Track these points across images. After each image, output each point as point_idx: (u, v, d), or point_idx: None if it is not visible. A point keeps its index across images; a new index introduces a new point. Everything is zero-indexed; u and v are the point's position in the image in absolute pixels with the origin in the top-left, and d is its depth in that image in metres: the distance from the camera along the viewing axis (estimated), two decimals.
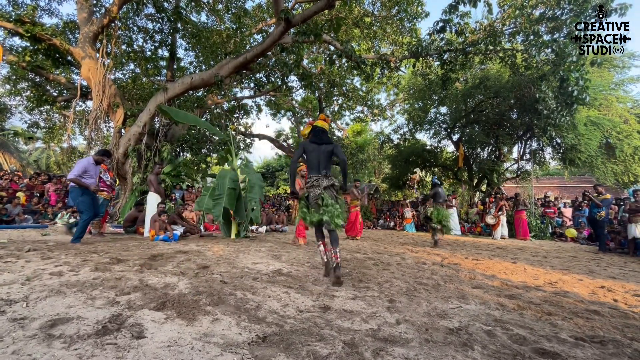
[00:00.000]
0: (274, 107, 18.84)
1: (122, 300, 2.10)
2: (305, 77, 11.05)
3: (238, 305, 2.13)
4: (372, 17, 11.83)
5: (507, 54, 9.48)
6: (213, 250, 4.72)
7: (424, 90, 14.50)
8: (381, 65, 10.64)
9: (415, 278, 3.36)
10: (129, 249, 4.42)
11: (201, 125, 7.28)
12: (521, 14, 8.33)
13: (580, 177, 22.86)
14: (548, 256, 6.01)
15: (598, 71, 11.46)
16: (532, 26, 8.16)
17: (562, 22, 7.99)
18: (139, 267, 3.19)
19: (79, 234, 4.84)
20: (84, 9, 9.44)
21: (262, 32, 13.34)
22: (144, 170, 9.26)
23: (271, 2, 10.43)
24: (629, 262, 5.75)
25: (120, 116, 9.62)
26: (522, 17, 8.28)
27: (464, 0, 7.48)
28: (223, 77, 9.31)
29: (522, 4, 8.29)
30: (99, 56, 9.34)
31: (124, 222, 7.19)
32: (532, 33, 8.31)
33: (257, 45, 8.99)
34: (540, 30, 8.39)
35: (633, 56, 12.11)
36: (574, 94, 8.13)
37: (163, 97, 9.39)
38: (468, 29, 9.12)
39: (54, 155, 25.44)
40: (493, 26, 8.80)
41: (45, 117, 14.76)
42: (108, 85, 9.35)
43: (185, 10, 12.33)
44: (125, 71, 13.82)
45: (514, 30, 8.73)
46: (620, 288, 3.35)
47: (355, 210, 8.05)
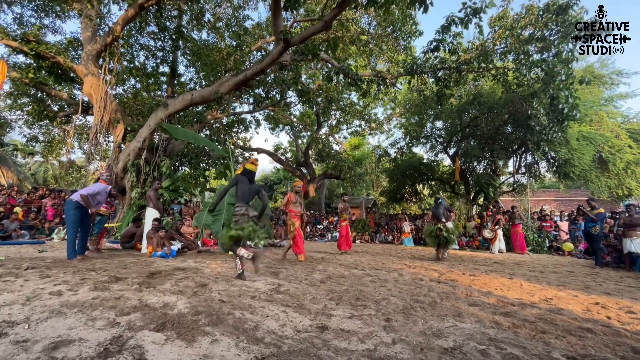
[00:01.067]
0: (273, 122, 19.10)
1: (122, 321, 2.12)
2: (304, 93, 11.30)
3: (237, 326, 2.16)
4: (368, 35, 12.21)
5: (499, 71, 9.79)
6: (211, 267, 4.73)
7: (419, 106, 14.81)
8: (377, 82, 10.92)
9: (412, 295, 3.39)
10: (127, 266, 4.43)
11: (200, 142, 7.39)
12: (511, 35, 8.66)
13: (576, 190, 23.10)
14: (545, 271, 6.05)
15: (588, 88, 11.81)
16: (521, 46, 8.48)
17: (551, 42, 8.31)
18: (137, 285, 3.21)
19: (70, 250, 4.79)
20: (88, 28, 9.71)
21: (262, 50, 13.70)
22: (143, 185, 9.31)
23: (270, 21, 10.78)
24: (625, 276, 5.79)
25: (121, 131, 9.73)
26: (512, 37, 8.61)
27: (455, 22, 7.78)
28: (223, 94, 9.51)
29: (511, 25, 8.63)
30: (102, 73, 9.54)
31: (122, 237, 7.18)
32: (522, 52, 8.63)
33: (257, 64, 9.24)
34: (530, 50, 8.71)
35: (621, 73, 12.52)
36: (565, 111, 8.38)
37: (163, 112, 9.55)
38: (461, 48, 9.44)
39: (51, 168, 25.43)
40: (484, 46, 9.13)
41: (44, 131, 14.87)
42: (109, 101, 9.51)
43: (186, 29, 12.69)
44: (127, 87, 14.07)
45: (505, 49, 9.06)
46: (615, 305, 3.39)
47: (344, 224, 8.21)
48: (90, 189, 4.92)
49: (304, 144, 21.18)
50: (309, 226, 15.54)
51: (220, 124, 15.06)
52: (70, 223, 4.77)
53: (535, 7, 8.39)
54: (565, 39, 7.89)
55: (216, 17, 13.58)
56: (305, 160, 19.71)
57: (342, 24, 11.31)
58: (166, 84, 13.19)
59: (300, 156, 20.85)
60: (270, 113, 17.90)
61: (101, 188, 5.05)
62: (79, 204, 4.84)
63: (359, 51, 12.75)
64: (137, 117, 11.78)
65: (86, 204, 4.82)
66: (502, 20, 9.04)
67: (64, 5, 10.03)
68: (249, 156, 19.37)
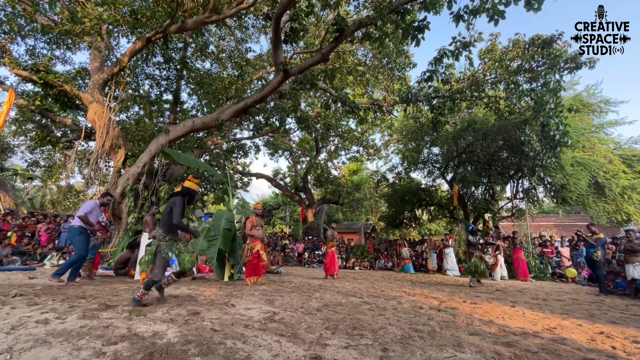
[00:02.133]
0: (272, 147, 19.42)
1: (108, 351, 2.05)
2: (303, 120, 11.60)
3: (227, 356, 2.09)
4: (364, 66, 12.78)
5: (490, 100, 10.14)
6: (205, 294, 4.60)
7: (416, 132, 15.14)
8: (374, 109, 11.26)
9: (410, 324, 3.28)
10: (118, 294, 4.31)
11: (201, 167, 7.48)
12: (500, 66, 9.08)
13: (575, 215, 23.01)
14: (548, 299, 5.89)
15: (578, 115, 12.17)
16: (511, 76, 8.86)
17: (538, 73, 8.70)
18: (128, 313, 3.11)
19: (62, 270, 4.77)
20: (96, 58, 10.16)
21: (262, 79, 14.25)
22: (140, 210, 9.27)
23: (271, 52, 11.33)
24: (630, 305, 5.64)
25: (121, 157, 9.86)
26: (501, 68, 9.02)
27: (447, 54, 8.19)
28: (224, 121, 9.76)
29: (500, 57, 9.08)
30: (106, 100, 9.84)
31: (115, 263, 7.02)
32: (511, 82, 9.00)
33: (257, 92, 9.59)
34: (519, 80, 9.09)
35: (609, 102, 12.97)
36: (556, 138, 8.58)
37: (164, 139, 9.73)
38: (453, 78, 9.85)
39: (49, 193, 25.37)
40: (475, 76, 9.53)
41: (46, 156, 15.04)
42: (112, 127, 9.72)
43: (190, 59, 13.27)
44: (130, 113, 14.44)
45: (495, 79, 9.45)
46: (620, 334, 3.29)
47: (331, 250, 8.64)
48: (82, 210, 4.95)
49: (302, 169, 21.38)
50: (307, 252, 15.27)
51: (220, 150, 15.30)
52: (78, 250, 4.87)
53: (521, 41, 8.87)
54: (551, 70, 8.27)
55: (220, 49, 14.27)
56: (304, 185, 19.79)
57: (339, 55, 11.86)
58: (169, 111, 13.57)
59: (299, 181, 20.96)
60: (270, 139, 18.25)
61: (91, 204, 5.08)
62: (82, 228, 4.86)
63: (356, 81, 13.27)
64: (138, 142, 11.99)
65: (87, 223, 4.83)
66: (491, 52, 9.52)
67: (75, 38, 10.56)
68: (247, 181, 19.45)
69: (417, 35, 6.55)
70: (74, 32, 8.63)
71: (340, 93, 9.74)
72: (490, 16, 5.99)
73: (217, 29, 13.41)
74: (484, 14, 6.04)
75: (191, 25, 9.21)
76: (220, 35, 14.35)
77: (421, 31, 6.52)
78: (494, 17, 5.96)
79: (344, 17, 7.78)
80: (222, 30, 13.68)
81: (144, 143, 11.53)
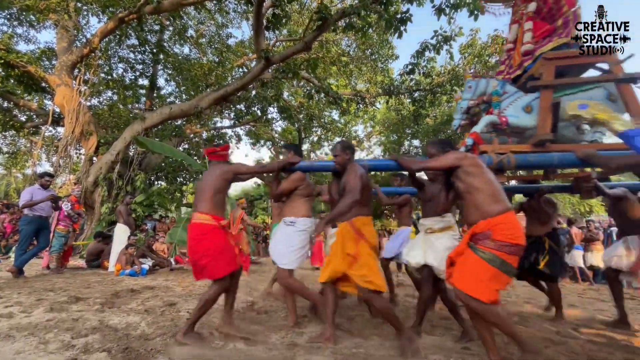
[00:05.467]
0: (254, 137, 19.08)
1: (78, 344, 1.99)
2: (285, 110, 11.45)
3: (202, 346, 2.08)
4: (348, 57, 12.71)
5: None
6: (183, 285, 4.54)
7: (397, 124, 15.36)
8: (357, 101, 11.29)
9: None
10: (90, 286, 4.17)
11: (178, 156, 7.26)
12: (479, 61, 9.32)
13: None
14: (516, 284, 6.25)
15: None
16: (488, 71, 9.12)
17: None
18: (100, 305, 3.02)
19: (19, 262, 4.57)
20: (64, 38, 9.49)
21: (244, 67, 13.86)
22: (114, 200, 8.92)
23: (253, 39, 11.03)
24: (587, 289, 6.10)
25: (93, 144, 9.38)
26: (480, 63, 9.26)
27: (429, 48, 8.30)
28: (203, 108, 9.46)
29: (479, 52, 9.31)
30: (76, 84, 9.26)
31: (87, 255, 6.75)
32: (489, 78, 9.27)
33: (238, 80, 9.34)
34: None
35: None
36: None
37: (140, 126, 9.33)
38: (434, 71, 10.02)
39: (14, 182, 23.85)
40: (455, 70, 9.74)
41: (9, 142, 14.05)
42: (82, 113, 9.19)
43: (168, 43, 12.67)
44: (103, 99, 13.68)
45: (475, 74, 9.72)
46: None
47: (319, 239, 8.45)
48: (22, 200, 4.76)
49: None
50: None
51: (199, 139, 14.87)
52: (22, 239, 4.72)
53: (499, 37, 9.12)
54: None
55: (199, 33, 13.69)
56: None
57: (322, 45, 11.71)
58: (145, 96, 12.96)
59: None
60: (252, 128, 17.91)
61: (29, 190, 4.89)
62: (30, 218, 4.67)
63: (340, 71, 13.19)
64: (112, 129, 11.43)
65: (33, 205, 4.65)
66: (471, 47, 9.74)
67: (39, 15, 9.80)
68: None
69: (400, 27, 6.58)
70: (37, 8, 8.00)
71: (323, 83, 9.67)
72: (470, 11, 6.10)
73: (196, 12, 12.84)
74: (465, 8, 6.14)
75: (168, 6, 8.75)
76: (200, 19, 13.75)
77: (404, 23, 6.55)
78: (474, 12, 6.07)
79: (327, 5, 7.68)
80: (201, 14, 13.12)
81: (118, 130, 11.01)
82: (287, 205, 2.72)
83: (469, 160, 2.01)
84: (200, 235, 2.22)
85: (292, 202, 2.70)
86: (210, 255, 2.18)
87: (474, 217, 1.92)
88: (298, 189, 2.68)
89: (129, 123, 10.13)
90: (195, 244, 2.22)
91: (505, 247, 1.79)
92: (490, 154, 2.43)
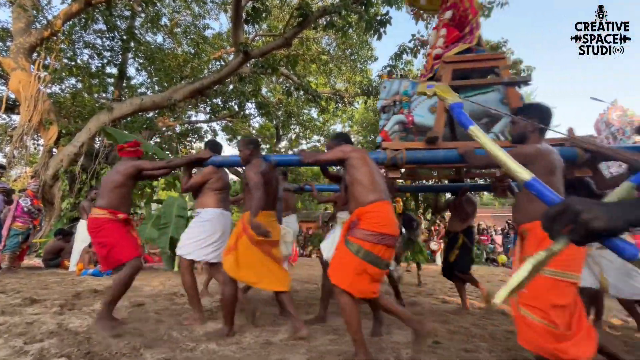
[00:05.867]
0: (230, 132, 18.63)
1: (32, 349, 1.84)
2: (263, 106, 11.27)
3: (172, 348, 2.00)
4: (328, 55, 12.73)
5: None
6: (152, 284, 4.36)
7: (375, 125, 15.61)
8: (336, 100, 11.35)
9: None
10: (48, 287, 3.88)
11: (149, 150, 6.92)
12: None
13: (510, 207, 25.78)
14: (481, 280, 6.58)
15: None
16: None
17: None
18: (58, 307, 2.82)
19: None
20: (21, 18, 8.71)
21: (221, 60, 13.46)
22: (77, 195, 8.34)
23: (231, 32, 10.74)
24: None
25: (53, 134, 8.71)
26: None
27: (407, 51, 8.50)
28: (177, 101, 9.09)
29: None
30: (34, 69, 8.54)
31: (45, 253, 6.26)
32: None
33: (215, 73, 9.06)
34: None
35: None
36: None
37: (107, 117, 8.78)
38: (411, 74, 10.27)
39: None
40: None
41: None
42: (42, 100, 8.49)
43: (139, 31, 12.01)
44: (65, 86, 12.72)
45: None
46: None
47: None
48: None
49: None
50: None
51: (172, 132, 14.28)
52: None
53: None
54: None
55: (174, 22, 13.12)
56: None
57: (302, 42, 11.65)
58: (113, 86, 12.21)
59: None
60: (229, 123, 17.47)
61: None
62: None
63: (319, 70, 13.18)
64: (75, 119, 10.69)
65: None
66: None
67: None
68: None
69: (380, 28, 6.68)
70: None
71: (302, 81, 9.62)
72: None
73: (170, 0, 12.30)
74: None
75: None
76: (175, 7, 13.18)
77: (383, 25, 6.66)
78: None
79: (308, 2, 7.63)
80: (176, 2, 12.58)
81: (82, 120, 10.29)
82: (198, 198, 2.78)
83: (355, 153, 2.06)
84: (95, 228, 2.37)
85: (203, 195, 2.75)
86: (109, 245, 2.34)
87: (351, 208, 1.99)
88: (208, 182, 2.74)
89: (94, 113, 9.51)
90: (93, 237, 2.41)
91: (370, 235, 1.81)
92: (385, 151, 2.50)
